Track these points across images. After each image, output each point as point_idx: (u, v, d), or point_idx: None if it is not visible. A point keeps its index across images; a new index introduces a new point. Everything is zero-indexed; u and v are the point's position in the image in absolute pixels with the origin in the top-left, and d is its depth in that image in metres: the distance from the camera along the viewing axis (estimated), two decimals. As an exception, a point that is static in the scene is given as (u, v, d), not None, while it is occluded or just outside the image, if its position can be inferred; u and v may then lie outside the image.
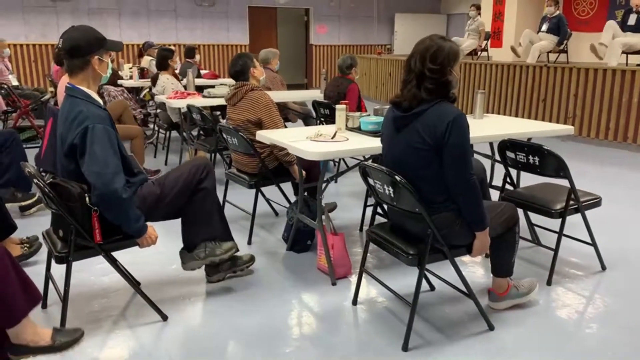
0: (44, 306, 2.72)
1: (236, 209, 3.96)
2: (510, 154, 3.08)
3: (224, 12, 12.63)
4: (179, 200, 2.66)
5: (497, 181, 3.55)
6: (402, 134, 2.31)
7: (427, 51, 2.22)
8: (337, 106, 3.47)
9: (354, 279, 3.05)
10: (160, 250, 3.09)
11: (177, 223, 2.86)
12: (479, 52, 9.93)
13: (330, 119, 4.77)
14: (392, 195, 2.36)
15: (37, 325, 1.96)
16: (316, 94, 5.64)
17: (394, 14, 14.19)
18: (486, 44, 9.87)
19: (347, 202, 4.49)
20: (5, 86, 6.61)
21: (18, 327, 1.87)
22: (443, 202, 2.30)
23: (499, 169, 3.52)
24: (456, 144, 2.19)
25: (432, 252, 2.34)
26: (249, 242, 3.57)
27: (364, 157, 3.60)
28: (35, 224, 3.82)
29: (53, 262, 2.49)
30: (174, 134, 6.20)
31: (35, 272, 3.03)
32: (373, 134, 3.24)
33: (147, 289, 2.72)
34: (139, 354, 2.35)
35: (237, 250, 2.91)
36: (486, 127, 3.60)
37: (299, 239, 3.42)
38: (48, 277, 2.72)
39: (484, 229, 2.33)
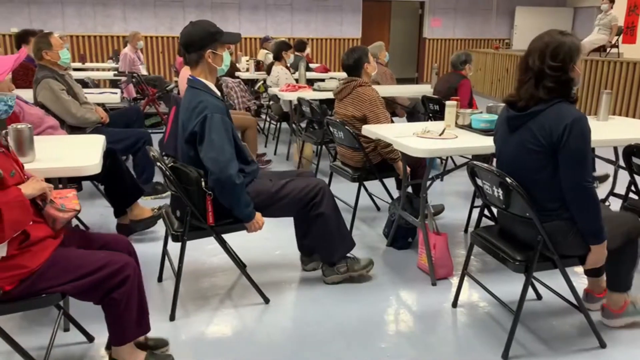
0: (160, 280, 2.95)
1: (338, 201, 4.00)
2: (637, 160, 2.83)
3: (338, 5, 12.77)
4: (287, 209, 2.77)
5: (620, 189, 3.27)
6: (516, 134, 2.21)
7: (547, 48, 2.10)
8: (448, 102, 3.39)
9: (455, 280, 2.98)
10: (266, 236, 3.23)
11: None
12: (608, 49, 9.17)
13: (439, 115, 4.67)
14: (501, 197, 2.27)
15: (135, 348, 2.13)
16: (426, 89, 5.54)
17: (515, 7, 13.51)
18: (617, 40, 9.09)
19: (453, 202, 4.38)
20: (136, 75, 7.20)
21: (120, 347, 2.06)
22: (556, 210, 2.17)
23: (623, 176, 3.25)
24: (574, 148, 2.05)
25: (541, 260, 2.22)
26: (351, 235, 3.61)
27: (472, 156, 3.49)
28: (156, 204, 4.13)
29: (170, 240, 2.68)
30: (284, 125, 6.41)
31: (153, 248, 3.30)
32: (484, 132, 3.13)
33: (252, 272, 2.85)
34: (241, 333, 2.48)
35: (373, 266, 2.99)
36: (611, 130, 3.33)
37: (400, 236, 3.40)
38: (164, 253, 2.94)
39: (599, 243, 2.17)
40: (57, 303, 2.14)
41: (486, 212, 2.72)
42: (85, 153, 2.62)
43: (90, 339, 2.37)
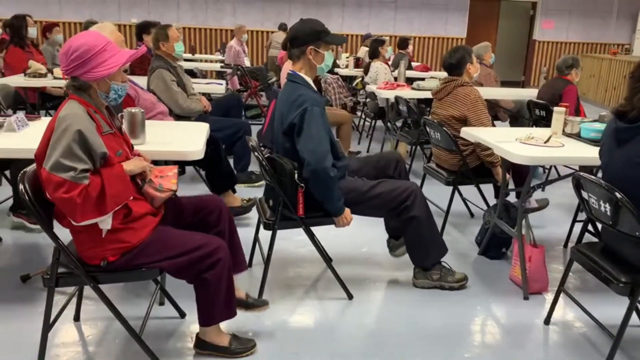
0: (249, 265, 3.06)
1: (430, 204, 3.92)
2: None
3: (444, 4, 12.48)
4: (377, 209, 2.74)
5: None
6: (624, 147, 2.05)
7: None
8: (556, 108, 3.20)
9: (549, 296, 2.82)
10: (353, 233, 3.23)
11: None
12: None
13: (544, 122, 4.43)
14: (609, 213, 2.11)
15: (221, 330, 2.23)
16: (532, 93, 5.28)
17: (639, 9, 12.47)
18: None
19: (554, 215, 4.14)
20: (241, 68, 7.48)
21: (207, 328, 2.16)
22: (671, 230, 1.99)
23: None
24: None
25: (649, 284, 2.04)
26: (440, 239, 3.52)
27: (579, 167, 3.27)
28: (251, 191, 4.28)
29: (261, 227, 2.77)
30: (379, 123, 6.38)
31: (245, 234, 3.41)
32: (594, 142, 2.93)
33: (337, 266, 2.87)
34: (322, 326, 2.50)
35: (466, 282, 2.90)
36: None
37: (494, 245, 3.27)
38: (256, 240, 3.04)
39: None
40: (155, 278, 2.29)
41: (590, 227, 2.55)
42: (191, 140, 2.76)
43: (182, 315, 2.50)
